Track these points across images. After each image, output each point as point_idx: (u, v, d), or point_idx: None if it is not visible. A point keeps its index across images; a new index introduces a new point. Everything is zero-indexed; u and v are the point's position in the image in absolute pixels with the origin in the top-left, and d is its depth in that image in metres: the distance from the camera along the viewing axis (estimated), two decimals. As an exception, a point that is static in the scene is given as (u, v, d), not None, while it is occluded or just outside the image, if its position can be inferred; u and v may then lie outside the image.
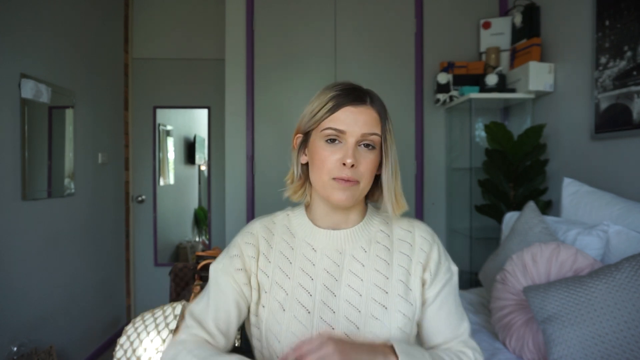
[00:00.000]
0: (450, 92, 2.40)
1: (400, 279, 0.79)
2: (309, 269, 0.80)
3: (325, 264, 0.80)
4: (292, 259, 0.82)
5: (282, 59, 2.62)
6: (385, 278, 0.79)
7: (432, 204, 2.66)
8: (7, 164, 1.92)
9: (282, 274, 0.81)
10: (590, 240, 1.43)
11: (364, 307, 0.76)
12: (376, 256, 0.81)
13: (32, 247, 2.09)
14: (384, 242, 0.83)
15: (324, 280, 0.79)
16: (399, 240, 0.83)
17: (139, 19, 3.30)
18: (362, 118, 0.77)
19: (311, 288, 0.79)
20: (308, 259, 0.81)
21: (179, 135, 3.74)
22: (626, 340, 1.03)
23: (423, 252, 0.82)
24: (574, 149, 1.98)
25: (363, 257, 0.81)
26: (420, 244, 0.83)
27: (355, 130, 0.76)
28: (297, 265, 0.81)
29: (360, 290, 0.78)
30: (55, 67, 2.29)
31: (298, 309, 0.77)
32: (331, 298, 0.78)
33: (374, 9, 2.63)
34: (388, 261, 0.80)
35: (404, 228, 0.85)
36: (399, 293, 0.78)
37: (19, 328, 1.98)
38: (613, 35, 1.70)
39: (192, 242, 3.86)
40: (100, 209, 2.80)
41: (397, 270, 0.80)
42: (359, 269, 0.80)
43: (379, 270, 0.80)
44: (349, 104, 0.77)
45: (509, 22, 2.44)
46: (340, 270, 0.80)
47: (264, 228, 0.86)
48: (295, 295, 0.79)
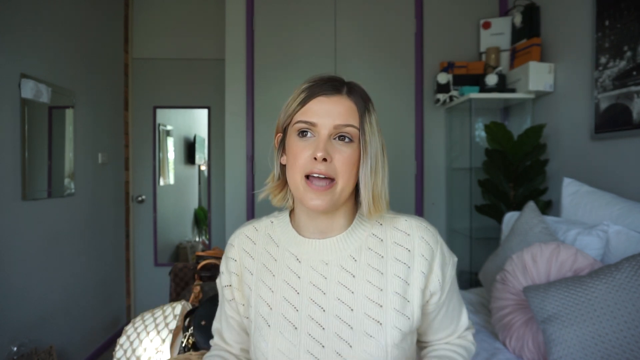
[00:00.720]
0: (450, 92, 2.40)
1: (396, 291, 0.71)
2: (294, 282, 0.74)
3: (310, 276, 0.73)
4: (275, 271, 0.76)
5: (282, 59, 2.62)
6: (378, 290, 0.71)
7: (432, 204, 2.66)
8: (7, 164, 1.92)
9: (266, 287, 0.75)
10: (590, 240, 1.43)
11: (356, 323, 0.69)
12: (367, 265, 0.73)
13: (32, 247, 2.09)
14: (377, 249, 0.74)
15: (310, 294, 0.72)
16: (394, 245, 0.74)
17: (139, 19, 3.30)
18: (336, 108, 0.70)
19: (297, 302, 0.72)
20: (293, 271, 0.75)
21: (179, 135, 3.74)
22: (626, 340, 1.03)
23: (425, 260, 0.73)
24: (574, 149, 1.98)
25: (353, 267, 0.73)
26: (421, 249, 0.73)
27: (328, 121, 0.69)
28: (280, 278, 0.75)
29: (352, 305, 0.70)
30: (55, 67, 2.29)
31: (284, 325, 0.71)
32: (319, 313, 0.71)
33: (374, 9, 2.63)
34: (382, 271, 0.72)
35: (401, 229, 0.75)
36: (395, 307, 0.70)
37: (19, 328, 1.98)
38: (613, 35, 1.70)
39: (192, 242, 3.86)
40: (100, 209, 2.80)
41: (393, 281, 0.71)
42: (349, 280, 0.72)
43: (372, 281, 0.72)
44: (321, 93, 0.71)
45: (509, 22, 2.44)
46: (327, 282, 0.72)
47: (245, 239, 0.81)
48: (280, 310, 0.73)
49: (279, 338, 0.71)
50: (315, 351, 0.69)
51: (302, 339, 0.70)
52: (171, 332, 1.21)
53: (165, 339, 1.20)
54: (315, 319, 0.71)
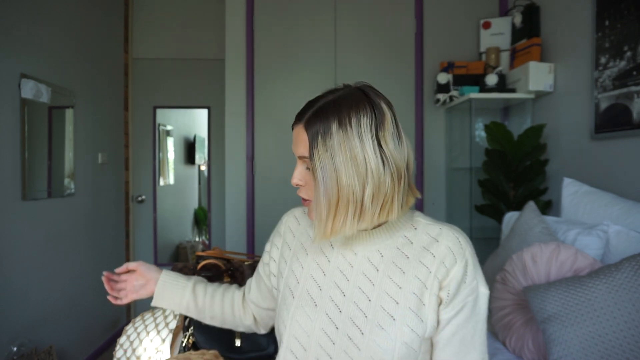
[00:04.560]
0: (450, 92, 2.40)
1: (413, 291, 0.73)
2: (323, 264, 0.81)
3: (339, 262, 0.79)
4: (309, 250, 0.84)
5: (282, 59, 2.62)
6: (397, 287, 0.74)
7: (432, 204, 2.66)
8: (7, 164, 1.92)
9: (298, 262, 0.83)
10: (590, 240, 1.43)
11: (371, 313, 0.73)
12: (392, 263, 0.76)
13: (32, 247, 2.09)
14: (404, 249, 0.77)
15: (335, 277, 0.78)
16: (421, 249, 0.76)
17: (139, 19, 3.30)
18: (296, 139, 0.76)
19: (322, 282, 0.79)
20: (324, 254, 0.81)
21: (179, 135, 3.74)
22: (626, 340, 1.03)
23: (444, 267, 0.73)
24: (574, 149, 1.98)
25: (378, 262, 0.77)
26: (444, 256, 0.74)
27: (295, 151, 0.76)
28: (312, 258, 0.82)
29: (370, 295, 0.74)
30: (55, 67, 2.29)
31: (306, 300, 0.78)
32: (340, 296, 0.76)
33: (374, 9, 2.63)
34: (404, 270, 0.75)
35: (431, 235, 0.77)
36: (410, 306, 0.72)
37: (19, 328, 1.98)
38: (613, 35, 1.70)
39: (192, 242, 3.86)
40: (100, 209, 2.80)
41: (412, 282, 0.73)
42: (373, 273, 0.76)
43: (393, 278, 0.75)
44: (294, 123, 0.77)
45: (509, 22, 2.44)
46: (352, 270, 0.78)
47: (293, 218, 0.91)
48: (305, 286, 0.80)
49: (299, 310, 0.78)
50: (329, 330, 0.74)
51: (319, 316, 0.76)
52: (171, 332, 1.21)
53: (166, 339, 1.20)
54: (335, 301, 0.76)
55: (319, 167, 0.71)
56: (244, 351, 1.13)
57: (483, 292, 0.75)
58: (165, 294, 0.94)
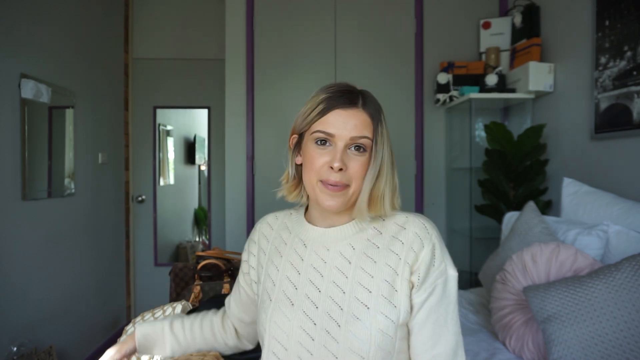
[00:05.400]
0: (450, 92, 2.40)
1: (385, 279, 0.75)
2: (297, 264, 0.82)
3: (312, 259, 0.81)
4: (283, 253, 0.85)
5: (282, 59, 2.62)
6: (370, 277, 0.76)
7: (432, 203, 2.66)
8: (7, 164, 1.92)
9: (273, 266, 0.85)
10: (590, 240, 1.43)
11: (346, 305, 0.75)
12: (363, 254, 0.79)
13: (32, 247, 2.09)
14: (374, 240, 0.80)
15: (309, 275, 0.80)
16: (390, 238, 0.79)
17: (139, 19, 3.30)
18: (352, 121, 0.76)
19: (297, 281, 0.80)
20: (298, 254, 0.83)
21: (179, 135, 3.74)
22: (626, 340, 1.03)
23: (412, 252, 0.76)
24: (574, 149, 1.98)
25: (350, 254, 0.79)
26: (412, 242, 0.77)
27: (344, 133, 0.76)
28: (286, 259, 0.84)
29: (344, 288, 0.76)
30: (55, 67, 2.29)
31: (283, 300, 0.80)
32: (315, 293, 0.78)
33: (374, 9, 2.63)
34: (375, 259, 0.77)
35: (398, 224, 0.80)
36: (383, 294, 0.74)
37: (19, 328, 1.98)
38: (613, 35, 1.70)
39: (192, 242, 3.86)
40: (100, 209, 2.80)
41: (383, 270, 0.76)
42: (345, 265, 0.78)
43: (365, 268, 0.77)
44: (339, 106, 0.77)
45: (509, 22, 2.44)
46: (326, 266, 0.80)
47: (265, 224, 0.93)
48: (281, 287, 0.81)
49: (276, 312, 0.79)
50: (307, 327, 0.76)
51: (297, 315, 0.77)
52: (171, 332, 1.21)
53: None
54: (311, 298, 0.78)
55: (381, 144, 0.78)
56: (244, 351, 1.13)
57: (452, 275, 0.77)
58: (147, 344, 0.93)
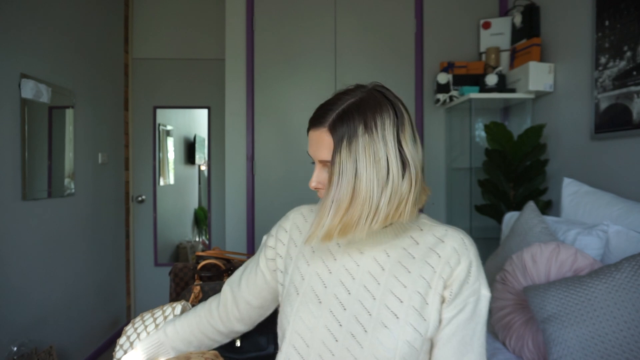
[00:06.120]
0: (450, 92, 2.40)
1: (418, 290, 0.74)
2: (329, 262, 0.81)
3: (345, 260, 0.80)
4: (315, 247, 0.83)
5: (282, 59, 2.62)
6: (402, 286, 0.74)
7: (432, 204, 2.66)
8: (7, 164, 1.92)
9: (304, 259, 0.83)
10: (590, 240, 1.43)
11: (375, 311, 0.73)
12: (398, 262, 0.77)
13: (32, 247, 2.09)
14: (410, 249, 0.78)
15: (340, 276, 0.78)
16: (427, 249, 0.77)
17: (139, 19, 3.30)
18: (317, 143, 0.74)
19: (327, 280, 0.79)
20: (330, 252, 0.82)
21: (179, 135, 3.74)
22: (626, 340, 1.03)
23: (448, 267, 0.74)
24: (574, 149, 1.98)
25: (384, 261, 0.77)
26: (449, 256, 0.75)
27: (315, 155, 0.76)
28: (318, 256, 0.82)
29: (375, 294, 0.75)
30: (55, 67, 2.29)
31: (311, 297, 0.78)
32: (345, 295, 0.76)
33: (374, 9, 2.63)
34: (409, 269, 0.76)
35: (437, 236, 0.78)
36: (414, 305, 0.73)
37: (19, 328, 1.98)
38: (613, 35, 1.70)
39: (192, 242, 3.86)
40: (100, 209, 2.80)
41: (417, 281, 0.74)
42: (378, 272, 0.77)
43: (398, 277, 0.75)
44: (311, 126, 0.76)
45: (508, 22, 2.44)
46: (358, 269, 0.78)
47: (300, 215, 0.90)
48: (310, 282, 0.80)
49: (303, 307, 0.78)
50: (332, 328, 0.74)
51: (323, 314, 0.76)
52: (171, 332, 1.21)
53: (165, 339, 1.19)
54: (340, 299, 0.76)
55: (338, 171, 0.70)
56: (243, 351, 1.13)
57: (485, 295, 0.76)
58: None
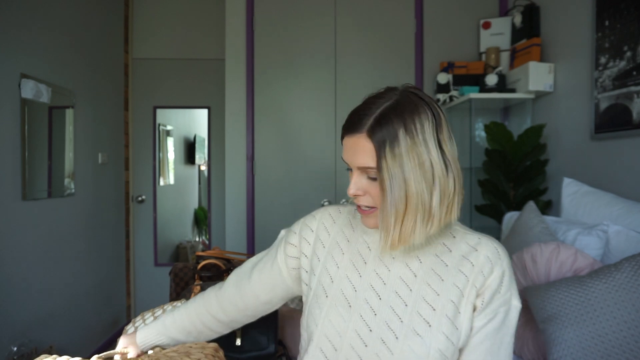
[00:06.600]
0: (450, 92, 2.40)
1: (451, 298, 0.73)
2: (360, 265, 0.79)
3: (376, 265, 0.78)
4: (345, 250, 0.82)
5: (282, 59, 2.62)
6: (435, 294, 0.73)
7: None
8: (7, 164, 1.92)
9: (333, 261, 0.81)
10: (590, 240, 1.43)
11: (407, 318, 0.72)
12: (431, 269, 0.76)
13: (32, 247, 2.09)
14: (443, 257, 0.77)
15: (371, 280, 0.77)
16: (460, 257, 0.76)
17: (139, 19, 3.30)
18: (356, 150, 0.72)
19: (357, 284, 0.77)
20: (361, 255, 0.80)
21: (179, 135, 3.74)
22: (626, 340, 1.03)
23: (481, 276, 0.74)
24: (574, 149, 1.98)
25: (416, 267, 0.76)
26: (482, 265, 0.74)
27: (353, 162, 0.73)
28: (348, 258, 0.81)
29: (407, 301, 0.74)
30: (55, 67, 2.29)
31: (340, 300, 0.77)
32: (375, 300, 0.75)
33: (374, 9, 2.63)
34: (443, 277, 0.75)
35: (470, 244, 0.77)
36: (447, 314, 0.72)
37: (19, 328, 1.98)
38: (613, 35, 1.70)
39: (192, 242, 3.86)
40: (100, 209, 2.80)
41: (450, 290, 0.73)
42: (410, 278, 0.76)
43: (431, 284, 0.74)
44: (346, 133, 0.74)
45: (508, 22, 2.44)
46: (389, 274, 0.77)
47: (327, 216, 0.88)
48: (340, 285, 0.78)
49: (332, 310, 0.76)
50: (362, 333, 0.73)
51: (353, 318, 0.75)
52: (171, 332, 1.21)
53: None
54: (370, 304, 0.75)
55: (388, 177, 0.69)
56: (244, 350, 1.13)
57: (515, 306, 0.75)
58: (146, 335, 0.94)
